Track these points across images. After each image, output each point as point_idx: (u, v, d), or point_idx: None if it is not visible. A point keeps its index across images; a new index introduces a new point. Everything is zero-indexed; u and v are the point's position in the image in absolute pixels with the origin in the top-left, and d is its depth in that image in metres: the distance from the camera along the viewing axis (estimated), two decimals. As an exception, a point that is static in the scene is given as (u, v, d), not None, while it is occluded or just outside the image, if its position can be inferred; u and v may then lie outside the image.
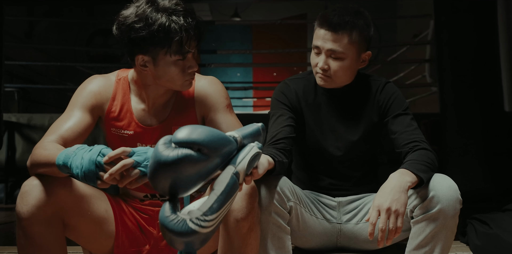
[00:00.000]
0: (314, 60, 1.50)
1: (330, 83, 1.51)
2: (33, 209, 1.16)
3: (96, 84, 1.40)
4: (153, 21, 1.24)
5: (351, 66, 1.49)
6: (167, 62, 1.30)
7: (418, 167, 1.33)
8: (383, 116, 1.54)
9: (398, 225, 1.23)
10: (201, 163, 0.94)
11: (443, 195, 1.29)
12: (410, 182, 1.29)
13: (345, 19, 1.43)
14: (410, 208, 1.36)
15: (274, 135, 1.47)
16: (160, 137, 1.38)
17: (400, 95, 1.56)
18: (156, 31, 1.24)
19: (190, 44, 1.29)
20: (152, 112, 1.41)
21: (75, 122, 1.31)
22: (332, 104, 1.56)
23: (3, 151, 3.67)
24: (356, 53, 1.47)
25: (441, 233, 1.31)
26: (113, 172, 1.02)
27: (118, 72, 1.46)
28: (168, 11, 1.26)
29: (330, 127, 1.56)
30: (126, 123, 1.40)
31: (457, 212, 1.31)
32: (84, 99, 1.37)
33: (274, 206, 1.32)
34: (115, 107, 1.40)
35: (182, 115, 1.41)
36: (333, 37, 1.44)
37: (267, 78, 7.80)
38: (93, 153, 1.05)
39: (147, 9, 1.26)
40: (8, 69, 5.25)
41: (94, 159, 1.03)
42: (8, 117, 3.89)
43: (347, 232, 1.52)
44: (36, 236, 1.18)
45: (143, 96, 1.41)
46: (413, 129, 1.49)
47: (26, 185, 1.19)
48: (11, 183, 3.84)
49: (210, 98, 1.42)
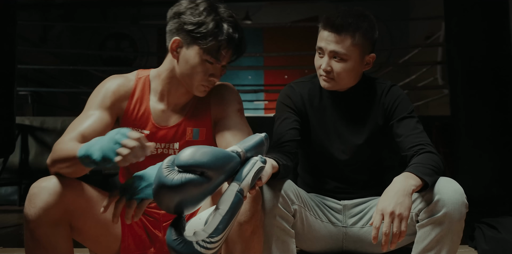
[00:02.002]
0: (317, 62, 1.51)
1: (334, 85, 1.51)
2: (40, 211, 1.17)
3: (115, 84, 1.42)
4: (209, 14, 1.31)
5: (354, 68, 1.48)
6: (196, 55, 1.34)
7: (423, 170, 1.32)
8: (388, 119, 1.54)
9: (402, 229, 1.23)
10: (204, 184, 0.96)
11: (449, 198, 1.28)
12: (415, 186, 1.28)
13: (348, 21, 1.43)
14: (415, 212, 1.35)
15: (279, 137, 1.47)
16: (174, 137, 1.41)
17: (406, 98, 1.55)
18: (205, 23, 1.30)
19: (225, 53, 1.33)
20: (169, 113, 1.43)
21: (95, 120, 1.33)
22: (337, 107, 1.56)
23: (16, 154, 3.72)
24: (359, 55, 1.47)
25: (447, 237, 1.29)
26: (116, 214, 1.09)
27: (138, 71, 1.49)
28: (225, 17, 1.33)
29: (335, 130, 1.56)
30: (144, 123, 1.42)
31: (463, 216, 1.29)
32: (103, 98, 1.38)
33: (278, 209, 1.32)
34: (133, 106, 1.42)
35: (198, 118, 1.43)
36: (336, 38, 1.44)
37: (278, 81, 7.79)
38: (112, 133, 1.07)
39: (208, 6, 1.33)
40: (23, 73, 5.33)
41: (113, 137, 1.06)
42: (22, 120, 3.95)
43: (353, 236, 1.52)
44: (44, 238, 1.19)
45: (162, 96, 1.44)
46: (418, 132, 1.48)
47: (34, 187, 1.20)
48: (25, 185, 3.89)
49: (225, 103, 1.44)
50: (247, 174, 1.00)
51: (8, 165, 3.68)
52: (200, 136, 1.42)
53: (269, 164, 1.23)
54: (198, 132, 1.42)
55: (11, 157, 3.50)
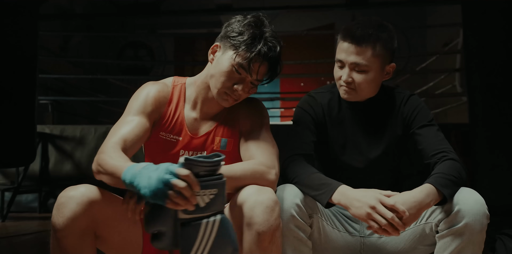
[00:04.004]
0: (337, 74, 1.51)
1: (355, 96, 1.51)
2: (68, 221, 1.19)
3: (155, 90, 1.46)
4: (251, 27, 1.37)
5: (375, 79, 1.48)
6: (227, 60, 1.38)
7: (443, 182, 1.32)
8: (407, 129, 1.53)
9: (398, 227, 1.25)
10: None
11: (470, 209, 1.27)
12: (434, 201, 1.30)
13: (369, 32, 1.44)
14: (435, 222, 1.34)
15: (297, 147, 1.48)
16: (203, 146, 1.44)
17: (425, 107, 1.55)
18: (244, 33, 1.36)
19: (254, 67, 1.36)
20: (201, 121, 1.47)
21: (136, 126, 1.36)
22: (356, 118, 1.56)
23: (36, 162, 3.78)
24: (380, 66, 1.47)
25: (468, 249, 1.28)
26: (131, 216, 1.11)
27: (174, 78, 1.53)
28: (266, 34, 1.38)
29: (354, 141, 1.56)
30: (177, 129, 1.45)
31: (484, 227, 1.28)
32: (144, 104, 1.42)
33: (295, 219, 1.32)
34: (169, 113, 1.46)
35: (227, 129, 1.47)
36: (356, 50, 1.44)
37: (294, 88, 7.80)
38: (160, 171, 1.06)
39: (255, 21, 1.39)
40: (43, 82, 5.43)
41: (162, 177, 1.05)
42: (42, 128, 4.01)
43: (371, 246, 1.51)
44: (70, 248, 1.21)
45: (195, 104, 1.48)
46: (440, 139, 1.47)
47: (62, 197, 1.21)
48: (44, 192, 3.95)
49: (252, 116, 1.47)
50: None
51: (29, 172, 3.75)
52: (228, 146, 1.45)
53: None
54: (226, 142, 1.45)
55: (32, 164, 3.56)
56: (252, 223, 1.20)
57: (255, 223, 1.20)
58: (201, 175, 1.08)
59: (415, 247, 1.44)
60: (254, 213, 1.20)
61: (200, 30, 7.72)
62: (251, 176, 1.28)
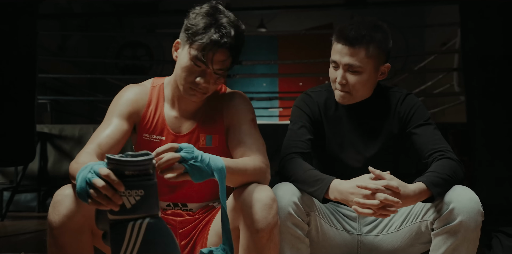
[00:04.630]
0: (332, 75, 1.52)
1: (349, 100, 1.52)
2: (64, 218, 1.20)
3: (132, 93, 1.47)
4: (205, 16, 1.34)
5: (369, 80, 1.49)
6: (186, 55, 1.36)
7: (436, 180, 1.33)
8: (404, 128, 1.54)
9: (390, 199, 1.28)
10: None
11: (464, 207, 1.28)
12: (421, 198, 1.33)
13: (362, 33, 1.44)
14: (430, 220, 1.35)
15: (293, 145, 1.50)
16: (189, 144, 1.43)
17: (422, 106, 1.56)
18: (197, 24, 1.33)
19: (210, 56, 1.32)
20: (182, 119, 1.47)
21: (113, 129, 1.37)
22: (352, 117, 1.57)
23: (35, 161, 3.78)
24: (374, 66, 1.48)
25: (463, 246, 1.29)
26: (161, 164, 1.10)
27: (153, 80, 1.53)
28: (220, 22, 1.33)
29: (350, 140, 1.57)
30: (159, 130, 1.45)
31: (479, 224, 1.29)
32: (121, 107, 1.43)
33: (292, 217, 1.33)
34: (149, 114, 1.46)
35: (210, 125, 1.46)
36: (350, 51, 1.45)
37: (293, 88, 7.80)
38: (86, 170, 1.06)
39: (209, 10, 1.35)
40: (42, 82, 5.43)
41: (85, 176, 1.05)
42: (41, 128, 4.02)
43: (368, 244, 1.52)
44: (67, 245, 1.22)
45: (173, 103, 1.47)
46: (437, 138, 1.48)
47: (58, 195, 1.22)
48: (43, 192, 3.96)
49: (237, 110, 1.46)
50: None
51: (27, 172, 3.75)
52: (213, 142, 1.45)
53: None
54: (211, 138, 1.45)
55: (30, 164, 3.56)
56: (251, 220, 1.21)
57: (253, 220, 1.21)
58: (127, 175, 1.04)
59: (411, 245, 1.45)
60: (253, 210, 1.21)
61: (198, 30, 7.72)
62: (253, 172, 1.29)
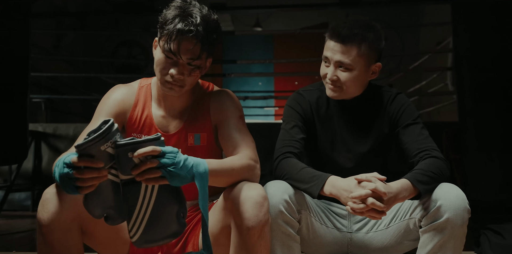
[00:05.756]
0: (323, 71, 1.53)
1: (340, 95, 1.53)
2: (53, 216, 1.20)
3: (119, 93, 1.48)
4: (173, 10, 1.34)
5: (359, 78, 1.51)
6: (159, 50, 1.38)
7: (421, 177, 1.34)
8: (393, 127, 1.55)
9: (380, 210, 1.28)
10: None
11: (451, 204, 1.29)
12: (409, 195, 1.34)
13: (354, 32, 1.46)
14: (417, 218, 1.37)
15: (286, 144, 1.50)
16: (177, 143, 1.44)
17: (411, 105, 1.57)
18: (165, 18, 1.34)
19: (176, 47, 1.32)
20: (170, 118, 1.47)
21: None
22: (344, 116, 1.58)
23: (29, 160, 3.79)
24: (364, 65, 1.50)
25: (450, 243, 1.31)
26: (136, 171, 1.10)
27: (141, 80, 1.53)
28: (186, 12, 1.33)
29: (341, 139, 1.58)
30: (147, 129, 1.46)
31: (465, 221, 1.30)
32: (108, 108, 1.44)
33: (283, 214, 1.34)
34: (137, 114, 1.47)
35: (198, 123, 1.46)
36: (341, 49, 1.46)
37: (289, 87, 7.82)
38: (60, 168, 1.09)
39: (178, 4, 1.36)
40: (36, 81, 5.42)
41: (62, 172, 1.08)
42: (35, 127, 4.02)
43: (358, 241, 1.53)
44: (56, 242, 1.22)
45: (160, 102, 1.48)
46: (423, 137, 1.49)
47: (46, 193, 1.23)
48: (37, 191, 3.96)
49: (224, 109, 1.46)
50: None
51: (22, 171, 3.75)
52: (201, 140, 1.46)
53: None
54: (199, 137, 1.46)
55: (25, 163, 3.57)
56: (242, 218, 1.22)
57: (244, 218, 1.22)
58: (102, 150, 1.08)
59: (400, 242, 1.46)
60: (244, 208, 1.22)
61: (194, 29, 7.72)
62: (241, 170, 1.29)
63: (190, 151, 1.42)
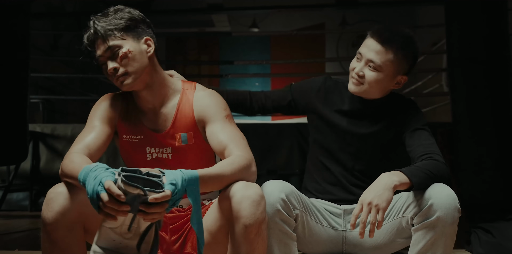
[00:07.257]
0: (352, 64, 1.57)
1: (360, 90, 1.56)
2: (57, 215, 1.24)
3: (107, 99, 1.54)
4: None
5: (383, 82, 1.54)
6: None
7: (414, 172, 1.38)
8: (400, 133, 1.59)
9: (378, 219, 1.30)
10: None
11: (442, 203, 1.33)
12: (398, 182, 1.35)
13: (396, 38, 1.50)
14: (410, 216, 1.41)
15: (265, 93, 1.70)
16: (166, 143, 1.47)
17: (421, 113, 1.61)
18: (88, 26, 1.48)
19: (96, 45, 1.45)
20: (155, 118, 1.51)
21: (98, 131, 1.44)
22: (356, 115, 1.62)
23: (27, 160, 3.78)
24: (392, 72, 1.53)
25: (440, 241, 1.35)
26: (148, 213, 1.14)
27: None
28: (97, 15, 1.49)
29: (348, 138, 1.62)
30: (136, 129, 1.50)
31: (456, 220, 1.35)
32: (100, 113, 1.50)
33: (280, 213, 1.38)
34: (124, 117, 1.51)
35: (182, 123, 1.49)
36: (378, 49, 1.50)
37: (285, 87, 7.85)
38: (96, 181, 1.13)
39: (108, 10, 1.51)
40: (34, 81, 5.42)
41: (95, 189, 1.12)
42: (33, 127, 4.01)
43: (352, 240, 1.57)
44: (60, 240, 1.26)
45: (140, 103, 1.52)
46: (429, 143, 1.52)
47: (51, 192, 1.27)
48: (36, 191, 3.97)
49: (208, 109, 1.48)
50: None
51: (20, 171, 3.76)
52: (189, 140, 1.48)
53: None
54: (186, 136, 1.49)
55: (23, 163, 3.57)
56: (239, 216, 1.26)
57: (242, 216, 1.26)
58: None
59: (393, 240, 1.50)
60: (241, 207, 1.26)
61: (191, 29, 7.74)
62: (239, 171, 1.32)
63: (180, 151, 1.47)
